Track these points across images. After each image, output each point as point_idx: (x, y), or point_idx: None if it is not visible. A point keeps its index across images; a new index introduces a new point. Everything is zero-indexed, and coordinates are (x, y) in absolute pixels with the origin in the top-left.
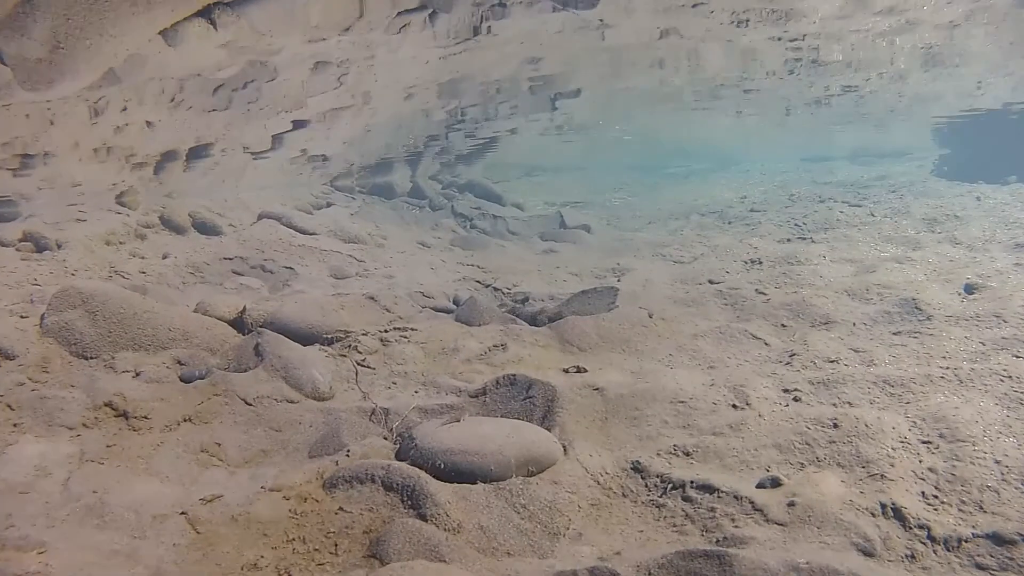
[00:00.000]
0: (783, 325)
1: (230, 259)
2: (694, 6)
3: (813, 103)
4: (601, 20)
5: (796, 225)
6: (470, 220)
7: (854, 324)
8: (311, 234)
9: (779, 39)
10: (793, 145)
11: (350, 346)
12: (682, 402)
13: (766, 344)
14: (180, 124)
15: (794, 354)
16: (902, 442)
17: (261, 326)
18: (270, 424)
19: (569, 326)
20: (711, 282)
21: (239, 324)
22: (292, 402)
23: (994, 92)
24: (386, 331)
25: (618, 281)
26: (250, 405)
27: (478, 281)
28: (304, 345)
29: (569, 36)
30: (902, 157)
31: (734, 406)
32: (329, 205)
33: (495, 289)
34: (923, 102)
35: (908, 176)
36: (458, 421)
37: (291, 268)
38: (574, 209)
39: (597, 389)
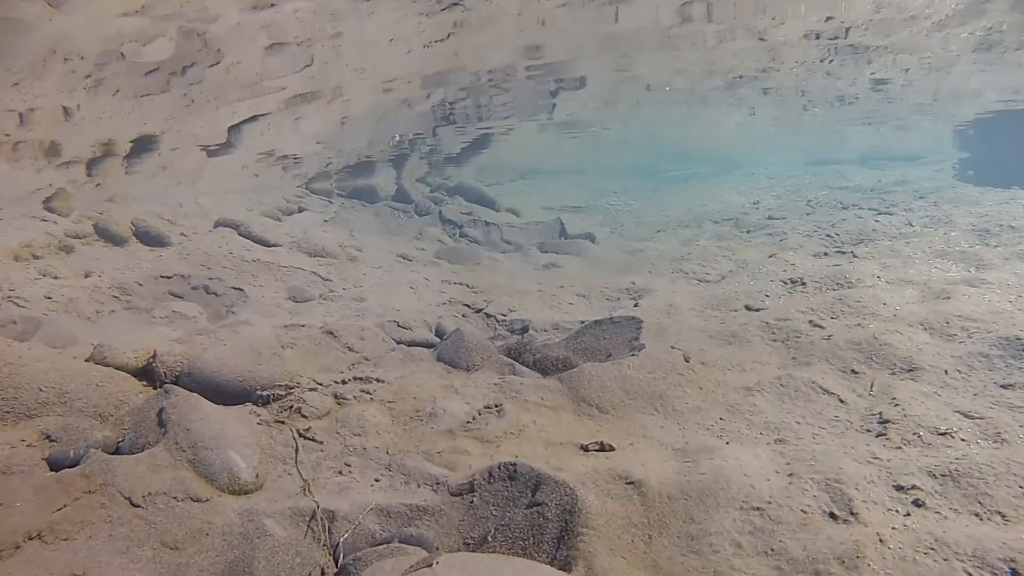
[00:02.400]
0: (854, 371)
1: (168, 278)
2: None
3: (836, 100)
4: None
5: (828, 236)
6: (460, 227)
7: (946, 372)
8: (273, 246)
9: (817, 37)
10: (801, 147)
11: (292, 407)
12: (757, 508)
13: (841, 401)
14: (109, 113)
15: (886, 421)
16: None
17: (176, 379)
18: (163, 538)
19: (585, 379)
20: (749, 309)
21: (151, 374)
22: (199, 500)
23: None
24: (344, 382)
25: (636, 306)
26: (137, 507)
27: (467, 305)
28: (232, 405)
29: (575, 11)
30: (915, 161)
31: (832, 515)
32: (301, 210)
33: (487, 315)
34: (957, 98)
35: (931, 181)
36: (429, 565)
37: (240, 289)
38: (573, 215)
39: (633, 483)
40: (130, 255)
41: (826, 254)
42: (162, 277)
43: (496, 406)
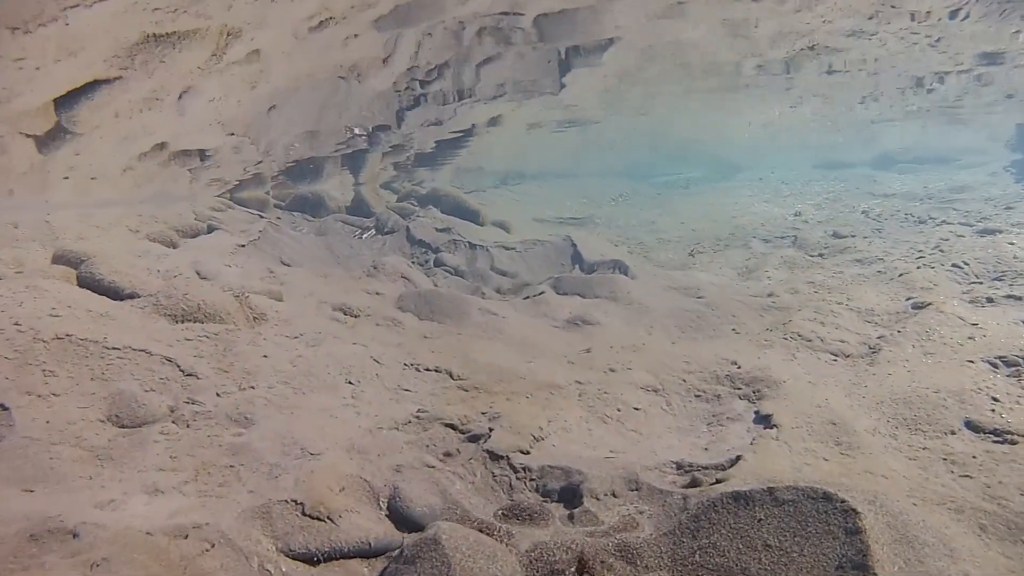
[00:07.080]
0: None
1: None
2: None
3: (910, 87)
4: None
5: (955, 266)
6: (435, 252)
7: None
8: (127, 297)
9: None
10: (813, 148)
11: None
12: None
13: None
14: None
15: None
16: None
17: None
18: None
19: None
20: (978, 430)
21: None
22: None
23: None
24: None
25: (765, 421)
26: None
27: (451, 426)
28: None
29: None
30: (948, 164)
31: None
32: (211, 230)
33: (492, 457)
34: None
35: (997, 187)
36: None
37: (4, 408)
38: (576, 228)
39: None
40: None
41: (990, 300)
42: None
43: None
